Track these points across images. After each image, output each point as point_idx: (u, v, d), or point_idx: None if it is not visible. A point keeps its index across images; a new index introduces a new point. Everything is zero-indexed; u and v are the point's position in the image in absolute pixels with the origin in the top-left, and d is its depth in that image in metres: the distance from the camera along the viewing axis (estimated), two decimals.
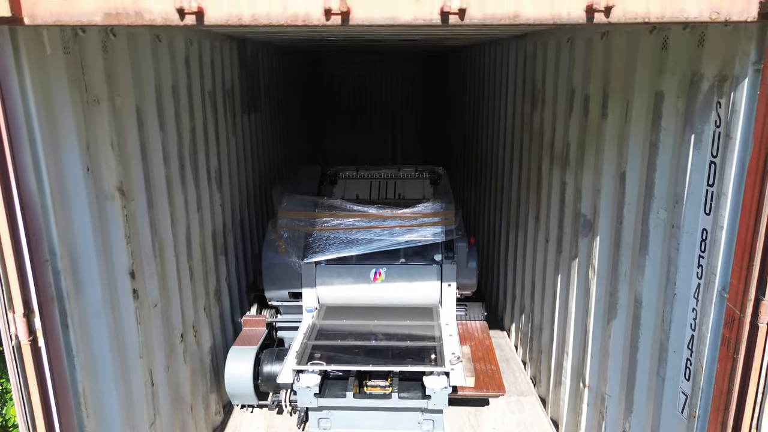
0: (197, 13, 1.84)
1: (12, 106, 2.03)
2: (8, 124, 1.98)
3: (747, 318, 2.16)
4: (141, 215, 3.11)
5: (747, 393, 2.20)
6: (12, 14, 1.79)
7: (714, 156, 2.41)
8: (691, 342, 2.60)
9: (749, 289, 2.15)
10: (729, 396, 2.26)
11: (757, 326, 2.13)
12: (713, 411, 2.36)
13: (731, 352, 2.24)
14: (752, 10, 1.90)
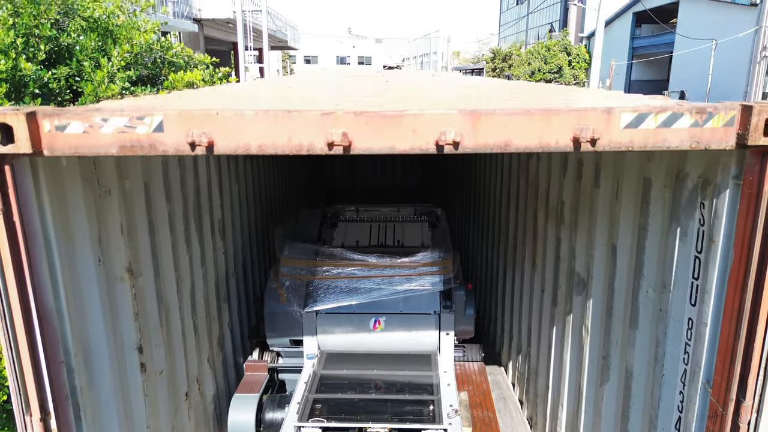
0: (207, 146, 1.95)
1: (29, 216, 2.13)
2: (26, 236, 2.09)
3: (729, 416, 2.28)
4: (148, 288, 3.22)
5: None
6: (33, 151, 1.91)
7: (698, 252, 2.52)
8: (678, 423, 2.71)
9: (731, 388, 2.26)
10: None
11: (739, 426, 2.24)
12: None
13: None
14: (730, 140, 2.01)
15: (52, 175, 2.27)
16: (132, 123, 1.94)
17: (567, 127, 1.98)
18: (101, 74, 4.38)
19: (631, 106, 2.00)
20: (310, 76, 5.15)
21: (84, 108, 1.97)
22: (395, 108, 2.06)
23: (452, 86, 3.64)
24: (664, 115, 1.98)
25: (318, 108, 2.05)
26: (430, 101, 2.82)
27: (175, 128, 1.95)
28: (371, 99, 2.87)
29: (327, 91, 3.28)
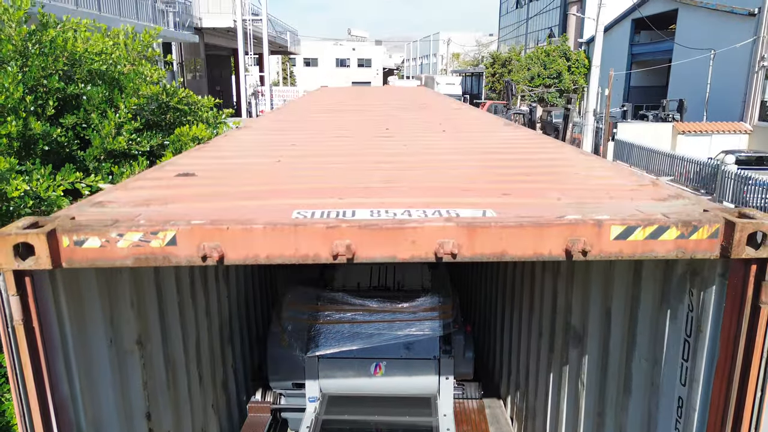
0: (218, 259, 2.06)
1: (47, 322, 2.23)
2: (44, 339, 2.19)
3: None
4: (156, 353, 3.33)
5: None
6: (53, 266, 2.01)
7: (688, 335, 2.62)
8: None
9: None
10: None
11: None
12: None
13: None
14: (714, 250, 2.12)
15: (69, 279, 2.37)
16: (146, 237, 2.05)
17: (560, 239, 2.08)
18: (108, 127, 4.48)
19: (620, 219, 2.10)
20: (300, 123, 5.16)
21: (101, 224, 2.07)
22: (395, 216, 2.17)
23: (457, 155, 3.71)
24: (651, 228, 2.09)
25: (324, 203, 2.17)
26: (426, 180, 2.92)
27: (187, 242, 2.05)
28: (371, 177, 2.98)
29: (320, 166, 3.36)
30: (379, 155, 3.67)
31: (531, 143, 4.22)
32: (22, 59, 4.59)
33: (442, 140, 4.45)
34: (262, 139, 4.57)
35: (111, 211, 2.37)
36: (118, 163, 4.63)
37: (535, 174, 3.03)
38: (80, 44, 4.69)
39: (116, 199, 2.55)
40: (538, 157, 3.65)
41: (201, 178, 3.00)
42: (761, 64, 23.57)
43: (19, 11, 4.69)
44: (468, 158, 3.58)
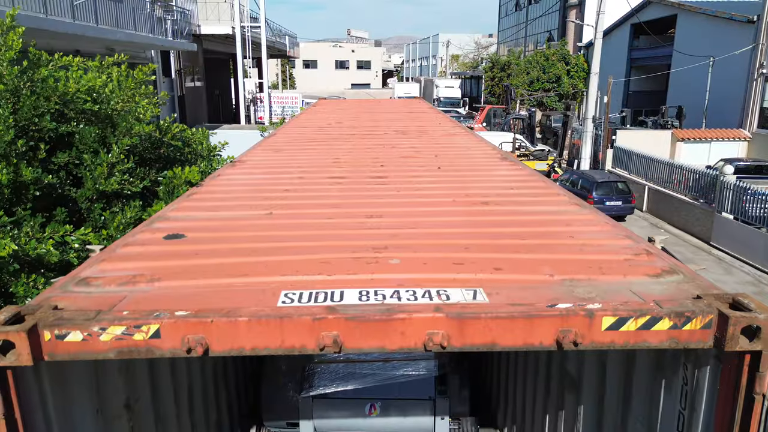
0: (204, 351, 2.02)
1: (31, 416, 2.19)
2: (26, 425, 2.16)
3: None
4: (146, 412, 3.29)
5: None
6: (34, 362, 1.97)
7: (683, 408, 2.59)
8: None
9: None
10: None
11: None
12: None
13: None
14: (708, 340, 2.08)
15: (53, 366, 2.33)
16: (130, 331, 2.01)
17: (551, 330, 2.05)
18: (101, 168, 4.44)
19: (611, 309, 2.07)
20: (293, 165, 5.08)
21: (83, 317, 2.03)
22: (383, 301, 2.14)
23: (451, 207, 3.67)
24: (644, 319, 2.05)
25: (310, 298, 2.13)
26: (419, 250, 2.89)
27: (171, 335, 2.02)
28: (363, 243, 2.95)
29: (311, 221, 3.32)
30: (371, 206, 3.64)
31: (526, 188, 4.18)
32: (13, 99, 4.55)
33: (436, 182, 4.41)
34: (255, 180, 4.53)
35: (96, 291, 2.34)
36: (111, 204, 4.59)
37: (530, 237, 2.99)
38: (72, 83, 4.65)
39: (102, 273, 2.51)
40: (532, 210, 3.61)
41: (190, 242, 2.97)
42: (760, 71, 23.53)
43: (10, 51, 4.66)
44: (462, 212, 3.54)
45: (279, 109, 30.32)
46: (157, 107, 5.20)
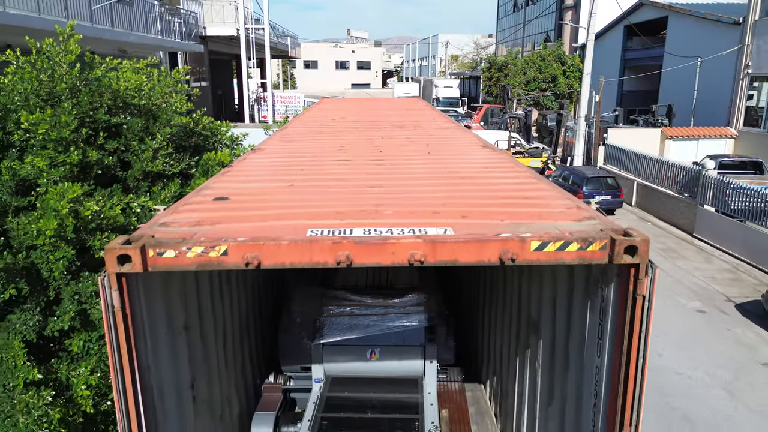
0: (256, 265, 2.95)
1: (134, 308, 3.12)
2: (133, 322, 3.08)
3: None
4: (195, 338, 4.22)
5: None
6: (143, 270, 2.91)
7: (601, 320, 3.51)
8: None
9: (617, 412, 3.26)
10: None
11: None
12: None
13: None
14: (604, 258, 3.01)
15: (145, 280, 3.26)
16: (207, 250, 2.94)
17: (495, 250, 2.98)
18: (147, 152, 5.38)
19: (537, 235, 3.00)
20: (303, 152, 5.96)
21: (175, 241, 2.96)
22: (381, 233, 3.07)
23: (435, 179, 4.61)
24: (559, 243, 2.98)
25: (330, 223, 3.08)
26: (407, 198, 3.83)
27: (235, 254, 2.95)
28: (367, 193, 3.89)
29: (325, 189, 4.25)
30: (372, 179, 4.57)
31: (499, 168, 5.12)
32: (73, 95, 5.49)
33: (425, 163, 5.34)
34: (275, 162, 5.47)
35: (174, 230, 3.26)
36: (155, 183, 5.53)
37: (492, 198, 3.93)
38: (122, 82, 5.58)
39: (174, 220, 3.44)
40: (499, 182, 4.54)
41: (234, 202, 3.90)
42: (746, 72, 24.46)
43: (70, 55, 5.59)
44: (443, 183, 4.48)
45: (282, 108, 31.26)
46: (191, 102, 6.13)
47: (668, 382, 10.03)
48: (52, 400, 4.27)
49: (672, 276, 15.13)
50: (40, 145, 5.01)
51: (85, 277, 4.49)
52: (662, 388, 9.85)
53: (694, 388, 9.86)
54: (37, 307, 4.50)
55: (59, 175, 4.77)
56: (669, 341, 11.51)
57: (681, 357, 10.88)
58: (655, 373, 10.30)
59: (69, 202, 4.16)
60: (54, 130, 4.73)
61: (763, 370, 10.48)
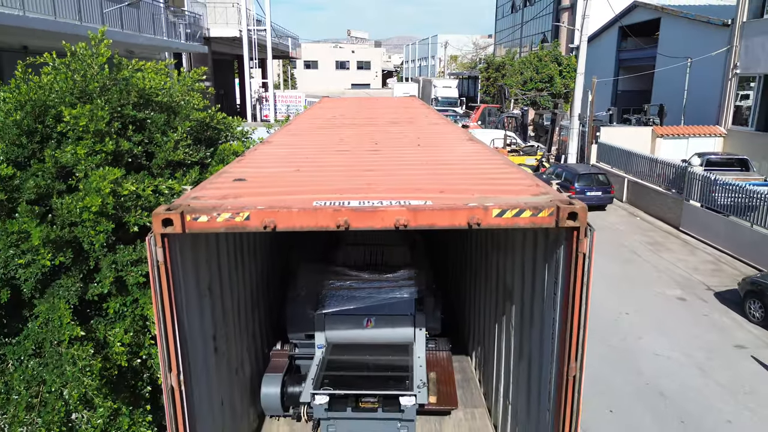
0: (273, 228, 3.68)
1: (174, 265, 3.84)
2: (173, 277, 3.81)
3: (566, 375, 4.00)
4: (216, 299, 4.95)
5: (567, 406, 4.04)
6: (182, 232, 3.64)
7: (556, 279, 4.24)
8: (549, 379, 4.42)
9: (566, 359, 3.99)
10: (565, 418, 4.10)
11: (572, 378, 3.96)
12: (556, 412, 4.21)
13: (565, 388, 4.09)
14: (552, 223, 3.74)
15: (181, 241, 3.99)
16: (233, 215, 3.67)
17: (464, 217, 3.71)
18: (170, 144, 6.11)
19: (498, 205, 3.73)
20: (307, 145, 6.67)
21: (206, 208, 3.69)
22: (372, 204, 3.80)
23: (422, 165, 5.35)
24: (515, 210, 3.71)
25: (332, 197, 3.80)
26: (396, 179, 4.56)
27: (256, 219, 3.68)
28: (362, 175, 4.61)
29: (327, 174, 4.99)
30: (368, 165, 5.30)
31: (478, 157, 5.85)
32: (104, 94, 6.22)
33: (415, 153, 6.07)
34: (282, 152, 6.20)
35: (205, 202, 3.99)
36: (176, 171, 6.26)
37: (468, 179, 4.66)
38: (147, 81, 6.32)
39: (203, 195, 4.17)
40: (476, 167, 5.28)
41: (250, 183, 4.63)
42: (734, 72, 25.19)
43: (101, 57, 6.33)
44: (428, 168, 5.21)
45: (284, 107, 32.00)
46: (207, 100, 6.86)
47: (646, 362, 10.77)
48: (93, 353, 5.01)
49: (656, 267, 15.87)
50: (75, 136, 5.74)
51: (122, 249, 5.22)
52: (640, 368, 10.59)
53: (669, 367, 10.59)
54: (79, 275, 5.24)
55: (95, 162, 5.50)
56: (649, 326, 12.25)
57: (660, 340, 11.62)
58: (635, 355, 11.05)
59: (110, 183, 4.89)
60: (92, 122, 5.46)
61: (735, 351, 11.22)
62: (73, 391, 4.90)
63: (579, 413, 4.06)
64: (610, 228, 19.72)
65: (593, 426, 8.80)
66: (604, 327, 12.12)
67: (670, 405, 9.35)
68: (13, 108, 5.96)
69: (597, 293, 14.19)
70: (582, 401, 4.06)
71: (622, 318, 12.64)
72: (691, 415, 9.08)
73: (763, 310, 12.11)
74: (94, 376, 4.89)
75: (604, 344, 11.36)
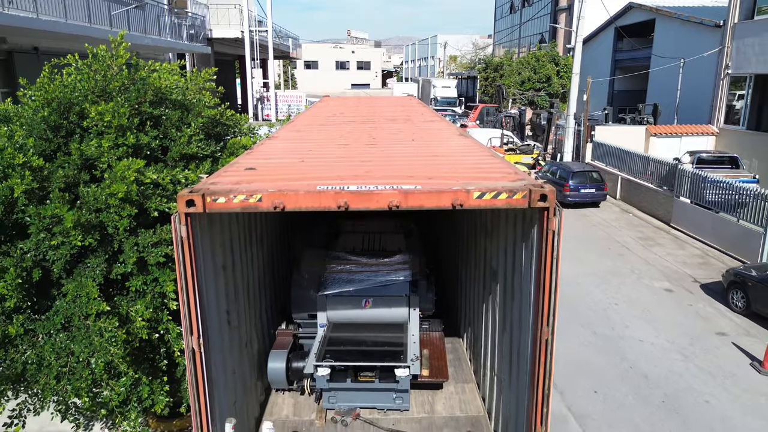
0: (282, 209, 4.23)
1: (195, 242, 4.39)
2: (195, 253, 4.35)
3: (536, 337, 4.55)
4: (229, 276, 5.50)
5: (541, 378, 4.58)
6: (203, 212, 4.19)
7: (531, 253, 4.78)
8: (527, 345, 4.96)
9: (540, 325, 4.53)
10: (539, 378, 4.64)
11: (546, 341, 4.50)
12: (532, 374, 4.75)
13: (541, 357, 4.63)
14: (525, 204, 4.28)
15: (200, 221, 4.54)
16: (247, 197, 4.22)
17: (448, 199, 4.25)
18: (184, 138, 6.66)
19: (479, 187, 4.27)
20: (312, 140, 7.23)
21: (224, 191, 4.23)
22: (369, 188, 4.35)
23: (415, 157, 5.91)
24: (493, 193, 4.26)
25: (334, 183, 4.34)
26: (390, 169, 5.10)
27: (267, 200, 4.22)
28: (361, 165, 5.16)
29: (329, 164, 5.54)
30: (366, 157, 5.85)
31: (466, 150, 6.39)
32: (123, 92, 6.76)
33: (409, 147, 6.62)
34: (288, 146, 6.74)
35: (222, 186, 4.54)
36: (189, 163, 6.80)
37: (455, 168, 5.21)
38: (163, 81, 6.87)
39: (220, 181, 4.72)
40: (464, 158, 5.83)
41: (260, 171, 5.17)
42: (726, 72, 25.73)
43: (120, 59, 6.87)
44: (420, 159, 5.76)
45: (285, 107, 32.56)
46: (216, 98, 7.40)
47: (631, 348, 11.32)
48: (118, 326, 5.55)
49: (646, 261, 16.42)
50: (98, 131, 6.29)
51: (143, 232, 5.77)
52: (625, 353, 11.14)
53: (653, 352, 11.14)
54: (104, 256, 5.78)
55: (117, 154, 6.05)
56: (636, 315, 12.80)
57: (645, 328, 12.17)
58: (621, 341, 11.60)
59: (134, 172, 5.44)
60: (114, 118, 6.01)
61: (716, 338, 11.77)
62: (100, 360, 5.44)
63: (551, 373, 4.61)
64: (603, 224, 20.27)
65: (578, 404, 9.35)
66: (594, 317, 12.67)
67: (652, 386, 9.90)
68: (40, 105, 6.51)
69: (587, 286, 14.86)
70: (554, 363, 4.61)
71: (611, 308, 13.19)
72: (671, 395, 9.62)
73: (744, 300, 12.66)
74: (119, 345, 5.43)
75: (592, 332, 11.91)
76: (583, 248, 17.38)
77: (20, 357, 5.80)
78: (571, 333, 11.76)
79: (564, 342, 11.04)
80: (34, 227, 5.61)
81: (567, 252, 16.54)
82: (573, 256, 16.55)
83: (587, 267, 15.77)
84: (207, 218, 4.73)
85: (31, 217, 5.57)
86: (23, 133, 6.02)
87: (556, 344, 4.59)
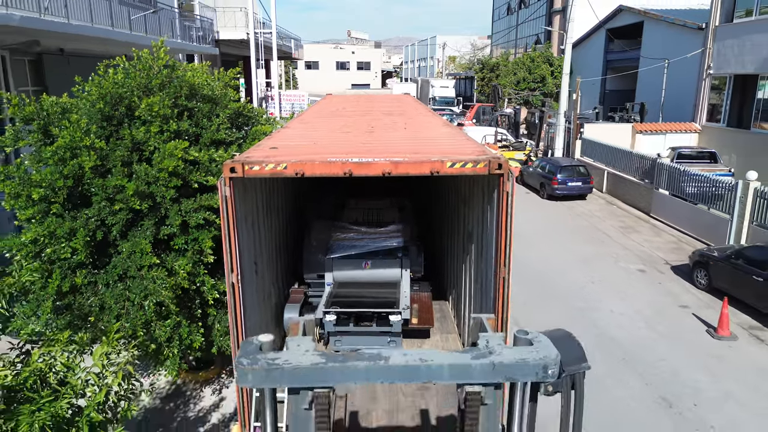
0: (302, 175, 5.60)
1: (236, 204, 5.74)
2: (236, 213, 5.71)
3: (497, 277, 5.91)
4: (257, 234, 6.86)
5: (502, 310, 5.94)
6: (242, 177, 5.56)
7: (495, 214, 6.13)
8: (492, 288, 6.32)
9: (499, 268, 5.89)
10: (497, 308, 5.98)
11: (503, 279, 5.87)
12: (494, 306, 6.12)
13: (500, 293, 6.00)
14: (486, 171, 5.65)
15: (237, 185, 5.90)
16: (276, 165, 5.59)
17: (428, 167, 5.62)
18: (214, 126, 8.04)
19: (451, 158, 5.64)
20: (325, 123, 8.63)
21: (258, 161, 5.60)
22: (368, 160, 5.72)
23: (405, 140, 7.30)
24: (462, 162, 5.63)
25: (341, 157, 5.72)
26: (385, 148, 6.48)
27: (290, 168, 5.59)
28: (361, 145, 6.54)
29: (336, 144, 6.92)
30: (364, 140, 7.23)
31: (448, 135, 7.77)
32: (163, 88, 8.14)
33: (401, 133, 8.00)
34: (300, 133, 8.12)
35: (254, 159, 5.90)
36: (218, 148, 8.18)
37: (436, 147, 6.58)
38: (197, 78, 8.25)
39: (252, 155, 6.08)
40: (446, 141, 7.21)
41: (281, 150, 6.55)
42: (708, 72, 27.10)
43: (161, 60, 8.25)
44: (409, 141, 7.14)
45: (288, 106, 33.93)
46: (239, 93, 8.77)
47: (601, 318, 12.69)
48: (166, 275, 6.93)
49: (624, 246, 17.80)
50: (142, 120, 7.66)
51: (185, 201, 7.13)
52: (596, 322, 12.51)
53: (621, 321, 12.52)
54: (154, 219, 7.16)
55: (162, 138, 7.42)
56: (610, 292, 14.18)
57: (617, 302, 13.55)
58: (593, 313, 12.97)
59: (180, 151, 6.82)
60: (161, 109, 7.38)
61: (679, 309, 13.14)
62: (152, 302, 6.81)
63: (509, 305, 5.97)
64: (588, 215, 21.64)
65: None
66: (571, 293, 14.04)
67: (617, 348, 11.27)
68: (96, 98, 7.88)
69: (568, 268, 16.24)
70: (510, 297, 5.97)
71: (587, 286, 14.55)
72: (632, 354, 10.99)
73: (707, 278, 14.03)
74: (169, 289, 6.80)
75: (568, 306, 13.28)
76: (567, 236, 18.75)
77: (86, 302, 7.17)
78: (549, 306, 13.13)
79: (542, 315, 12.39)
80: (98, 197, 6.98)
81: (552, 240, 18.01)
82: (557, 243, 17.92)
83: (569, 253, 17.14)
84: (242, 184, 6.10)
85: (96, 188, 6.95)
86: (86, 120, 7.39)
87: (536, 315, 5.96)
